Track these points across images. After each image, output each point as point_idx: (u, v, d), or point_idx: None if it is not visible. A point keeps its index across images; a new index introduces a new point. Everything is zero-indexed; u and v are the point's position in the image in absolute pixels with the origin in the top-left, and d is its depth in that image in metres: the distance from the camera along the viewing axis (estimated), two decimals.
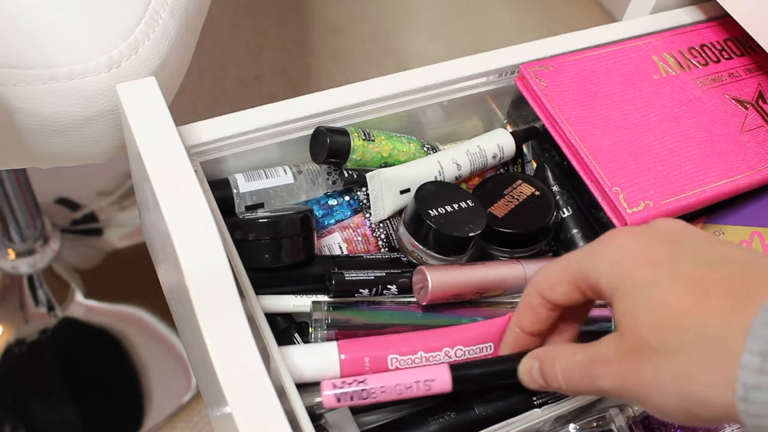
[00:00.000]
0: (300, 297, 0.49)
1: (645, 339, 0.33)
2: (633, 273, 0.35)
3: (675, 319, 0.32)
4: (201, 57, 1.14)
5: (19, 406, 0.83)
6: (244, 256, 0.46)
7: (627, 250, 0.36)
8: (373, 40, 1.20)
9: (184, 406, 0.86)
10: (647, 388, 0.33)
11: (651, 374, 0.33)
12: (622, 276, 0.35)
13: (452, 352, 0.46)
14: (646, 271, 0.34)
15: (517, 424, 0.45)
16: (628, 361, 0.34)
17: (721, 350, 0.30)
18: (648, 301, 0.33)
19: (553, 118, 0.54)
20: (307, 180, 0.53)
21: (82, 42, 0.46)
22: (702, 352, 0.31)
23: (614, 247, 0.36)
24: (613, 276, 0.36)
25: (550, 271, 0.40)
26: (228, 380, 0.38)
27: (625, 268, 0.35)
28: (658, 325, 0.33)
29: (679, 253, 0.35)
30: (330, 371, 0.44)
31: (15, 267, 0.88)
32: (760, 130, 0.58)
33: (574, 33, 0.59)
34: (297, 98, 0.52)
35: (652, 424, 0.51)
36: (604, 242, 0.37)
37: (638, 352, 0.34)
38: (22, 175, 0.79)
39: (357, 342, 0.46)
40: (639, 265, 0.35)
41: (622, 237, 0.37)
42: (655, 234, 0.36)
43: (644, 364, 0.33)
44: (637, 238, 0.36)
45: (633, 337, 0.34)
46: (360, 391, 0.40)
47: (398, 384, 0.40)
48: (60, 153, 0.50)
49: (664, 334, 0.32)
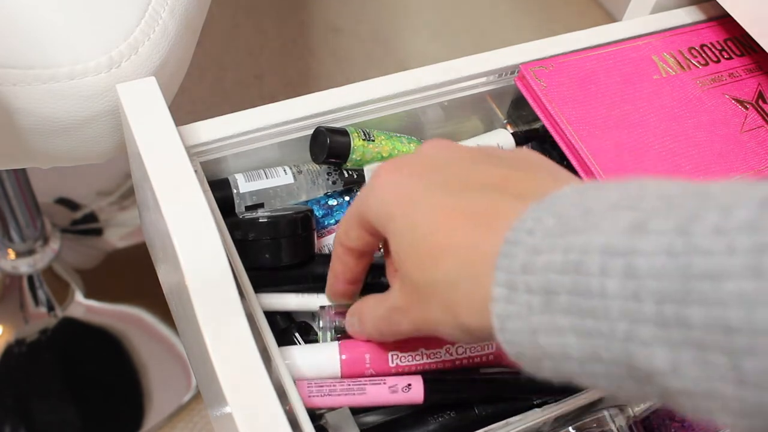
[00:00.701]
0: (301, 296, 0.49)
1: (415, 280, 0.34)
2: (394, 212, 0.35)
3: (433, 256, 0.33)
4: (201, 57, 1.14)
5: (19, 406, 0.83)
6: (244, 256, 0.46)
7: (389, 186, 0.36)
8: (373, 40, 1.20)
9: (184, 406, 0.86)
10: (433, 324, 0.34)
11: (431, 312, 0.34)
12: (387, 215, 0.35)
13: (453, 350, 0.46)
14: (405, 208, 0.34)
15: (517, 424, 0.45)
16: (412, 304, 0.35)
17: (475, 284, 0.31)
18: (411, 240, 0.34)
19: (553, 118, 0.54)
20: (307, 180, 0.53)
21: (82, 42, 0.46)
22: (461, 287, 0.32)
23: (380, 184, 0.36)
24: (381, 215, 0.36)
25: (344, 218, 0.40)
26: (228, 380, 0.38)
27: (389, 205, 0.35)
28: (420, 265, 0.33)
29: (437, 182, 0.35)
30: (330, 371, 0.44)
31: (15, 267, 0.88)
32: (760, 130, 0.58)
33: (574, 33, 0.59)
34: (297, 98, 0.52)
35: (652, 424, 0.51)
36: (374, 177, 0.37)
37: (416, 293, 0.34)
38: (22, 175, 0.79)
39: (358, 342, 0.46)
40: (399, 202, 0.35)
41: (385, 172, 0.37)
42: (418, 163, 0.36)
43: (423, 304, 0.34)
44: (400, 169, 0.36)
45: (408, 279, 0.34)
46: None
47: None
48: (60, 153, 0.50)
49: (427, 273, 0.33)
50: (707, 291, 0.23)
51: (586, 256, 0.26)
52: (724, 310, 0.23)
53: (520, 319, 0.29)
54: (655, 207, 0.26)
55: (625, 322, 0.25)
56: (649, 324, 0.25)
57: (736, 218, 0.23)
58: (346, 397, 0.43)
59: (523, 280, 0.28)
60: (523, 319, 0.29)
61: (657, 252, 0.25)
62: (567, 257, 0.27)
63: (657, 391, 0.26)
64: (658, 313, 0.24)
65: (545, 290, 0.28)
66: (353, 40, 1.20)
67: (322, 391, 0.43)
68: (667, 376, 0.25)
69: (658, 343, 0.25)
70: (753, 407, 0.23)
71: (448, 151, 0.37)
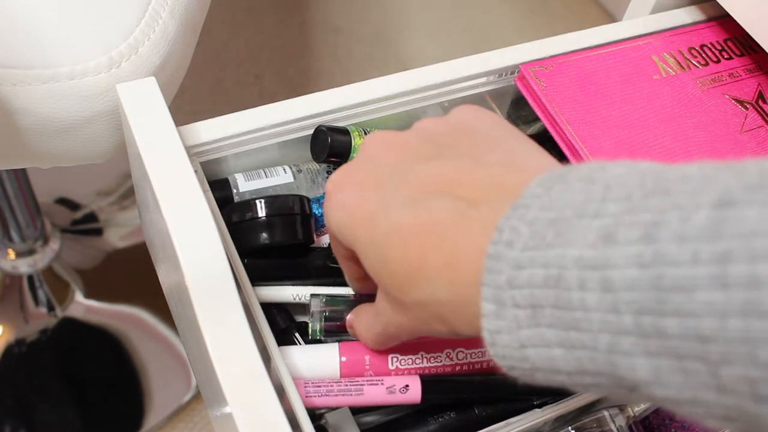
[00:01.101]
0: (299, 287, 0.50)
1: (400, 300, 0.34)
2: (357, 233, 0.35)
3: (412, 279, 0.33)
4: (201, 57, 1.14)
5: (19, 406, 0.83)
6: (241, 239, 0.46)
7: (344, 204, 0.36)
8: (373, 40, 1.20)
9: (184, 406, 0.86)
10: (431, 332, 0.34)
11: (426, 324, 0.34)
12: (351, 236, 0.35)
13: (453, 354, 0.46)
14: (367, 227, 0.34)
15: (517, 425, 0.45)
16: (405, 318, 0.35)
17: (462, 301, 0.31)
18: (382, 263, 0.34)
19: (553, 118, 0.54)
20: (307, 179, 0.54)
21: (82, 42, 0.46)
22: (449, 305, 0.32)
23: (336, 203, 0.36)
24: (345, 236, 0.36)
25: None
26: (228, 380, 0.38)
27: (350, 226, 0.35)
28: (401, 287, 0.33)
29: (390, 192, 0.34)
30: (330, 372, 0.44)
31: (15, 267, 0.88)
32: (760, 130, 0.58)
33: (574, 33, 0.59)
34: (297, 98, 0.52)
35: (652, 424, 0.51)
36: (327, 194, 0.37)
37: (406, 310, 0.34)
38: (22, 175, 0.79)
39: (358, 344, 0.46)
40: (359, 221, 0.35)
41: (336, 188, 0.37)
42: (365, 170, 0.36)
43: (416, 318, 0.34)
44: (350, 182, 0.36)
45: (392, 297, 0.35)
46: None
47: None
48: (60, 153, 0.50)
49: (411, 295, 0.33)
50: (680, 302, 0.23)
51: (564, 270, 0.27)
52: (697, 321, 0.23)
53: (509, 334, 0.29)
54: (618, 211, 0.26)
55: (607, 334, 0.26)
56: (630, 335, 0.25)
57: (696, 224, 0.24)
58: (344, 397, 0.43)
59: (509, 295, 0.29)
60: (512, 334, 0.29)
61: (628, 264, 0.25)
62: (548, 272, 0.27)
63: (645, 398, 0.27)
64: (636, 324, 0.25)
65: (531, 304, 0.28)
66: (353, 40, 1.20)
67: (319, 391, 0.43)
68: (651, 385, 0.25)
69: (640, 354, 0.25)
70: (736, 412, 0.24)
71: (391, 151, 0.36)
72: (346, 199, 0.36)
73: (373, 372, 0.45)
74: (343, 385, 0.43)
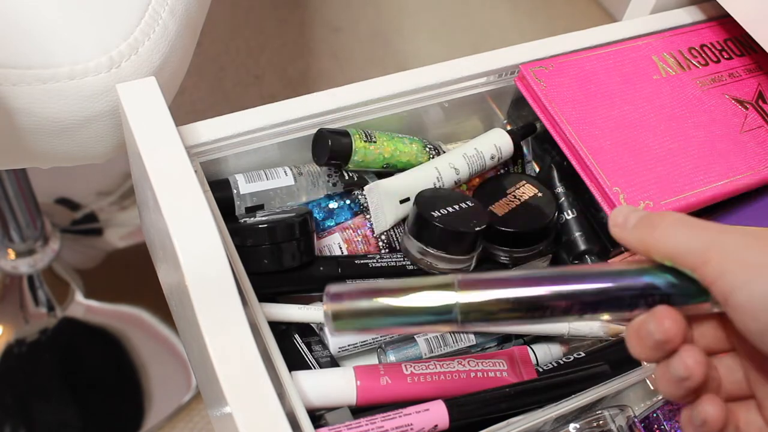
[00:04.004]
0: (305, 307, 0.50)
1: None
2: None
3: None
4: (201, 57, 1.14)
5: (19, 406, 0.83)
6: (244, 262, 0.46)
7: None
8: (373, 40, 1.20)
9: (184, 406, 0.86)
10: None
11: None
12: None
13: (465, 362, 0.47)
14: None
15: (518, 424, 0.45)
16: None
17: None
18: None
19: (553, 118, 0.54)
20: (308, 181, 0.53)
21: (82, 42, 0.46)
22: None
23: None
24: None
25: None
26: (228, 380, 0.38)
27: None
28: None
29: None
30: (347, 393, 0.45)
31: (15, 267, 0.88)
32: (760, 130, 0.58)
33: (574, 33, 0.59)
34: (297, 98, 0.52)
35: (652, 424, 0.51)
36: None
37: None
38: (22, 175, 0.79)
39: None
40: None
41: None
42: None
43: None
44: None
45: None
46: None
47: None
48: (60, 153, 0.50)
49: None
50: None
51: None
52: None
53: None
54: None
55: None
56: None
57: None
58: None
59: None
60: None
61: None
62: None
63: None
64: None
65: None
66: (353, 40, 1.20)
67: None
68: None
69: None
70: None
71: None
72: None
73: (389, 378, 0.45)
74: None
